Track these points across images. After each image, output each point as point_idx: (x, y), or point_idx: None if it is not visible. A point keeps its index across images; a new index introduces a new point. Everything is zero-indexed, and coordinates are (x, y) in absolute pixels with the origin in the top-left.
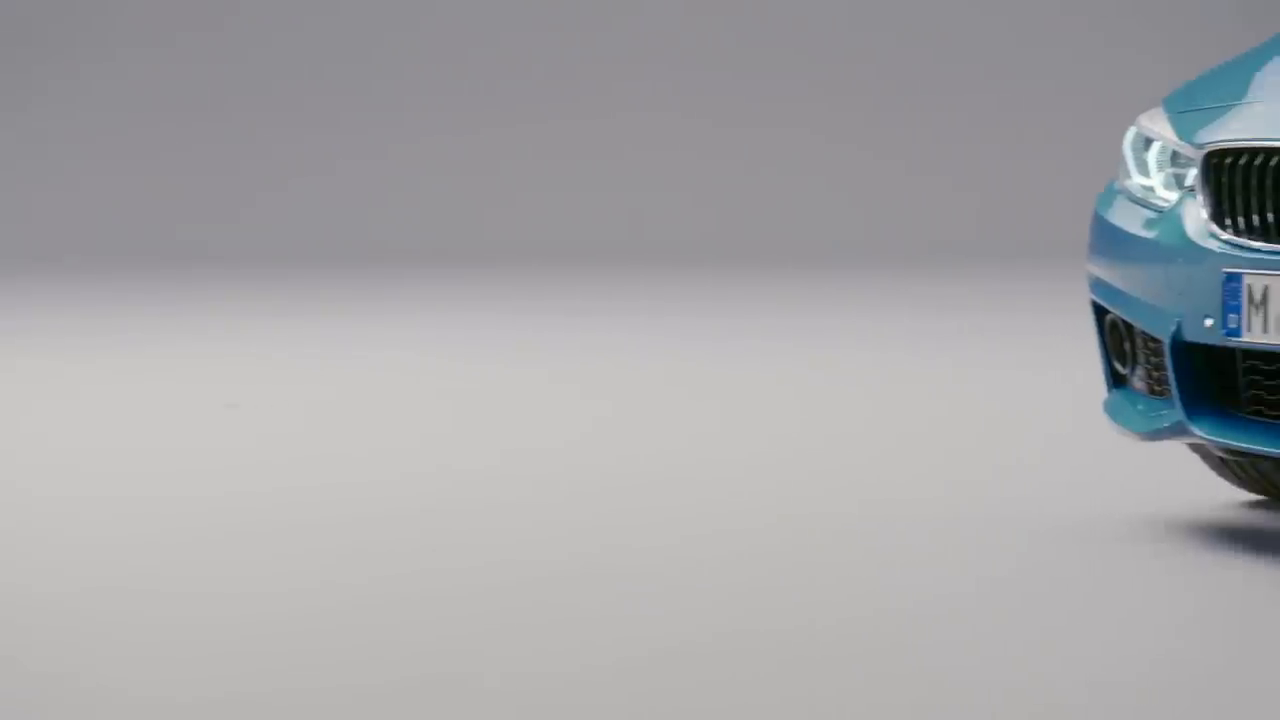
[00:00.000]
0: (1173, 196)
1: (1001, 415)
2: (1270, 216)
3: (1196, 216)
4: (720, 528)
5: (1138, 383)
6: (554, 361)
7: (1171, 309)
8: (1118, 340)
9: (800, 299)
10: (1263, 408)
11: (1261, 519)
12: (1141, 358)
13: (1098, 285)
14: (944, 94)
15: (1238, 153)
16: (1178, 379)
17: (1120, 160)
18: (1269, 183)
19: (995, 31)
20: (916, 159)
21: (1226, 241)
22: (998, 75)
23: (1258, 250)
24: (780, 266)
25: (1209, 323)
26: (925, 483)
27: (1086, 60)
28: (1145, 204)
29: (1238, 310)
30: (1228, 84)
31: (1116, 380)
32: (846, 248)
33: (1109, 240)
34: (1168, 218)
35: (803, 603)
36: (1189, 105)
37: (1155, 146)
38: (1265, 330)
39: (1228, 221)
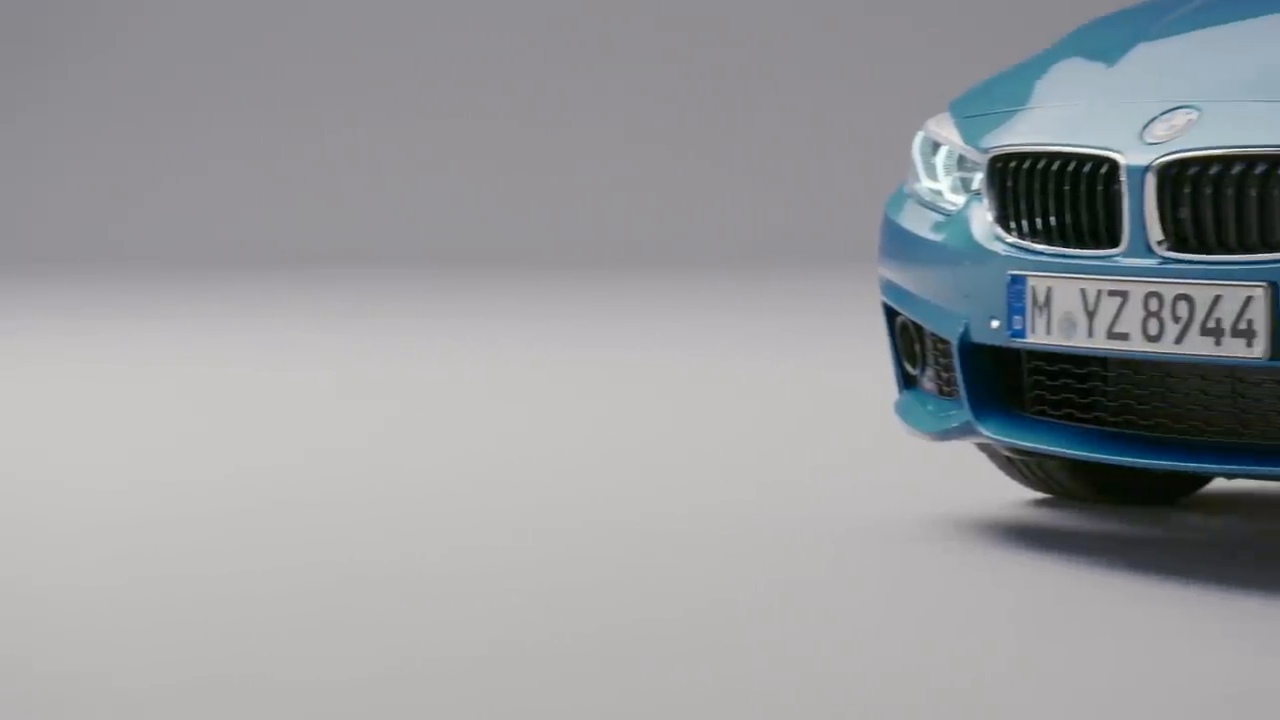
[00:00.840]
0: (960, 200)
1: (804, 416)
2: (1053, 220)
3: (983, 220)
4: (528, 530)
5: (928, 384)
6: (345, 366)
7: (959, 311)
8: (908, 342)
9: (601, 302)
10: (1046, 408)
11: (1047, 517)
12: (931, 359)
13: (888, 288)
14: (740, 98)
15: (1022, 157)
16: (965, 380)
17: (909, 164)
18: (1052, 187)
19: (788, 35)
20: (714, 162)
21: (1012, 245)
22: (791, 78)
23: (1041, 253)
24: (582, 269)
25: (995, 324)
26: (730, 484)
27: (879, 64)
28: (933, 207)
29: (1022, 312)
30: (1013, 89)
31: (907, 381)
32: (645, 250)
33: (898, 243)
34: (955, 221)
35: (609, 605)
36: (975, 110)
37: (943, 150)
38: (1048, 331)
39: (1013, 225)
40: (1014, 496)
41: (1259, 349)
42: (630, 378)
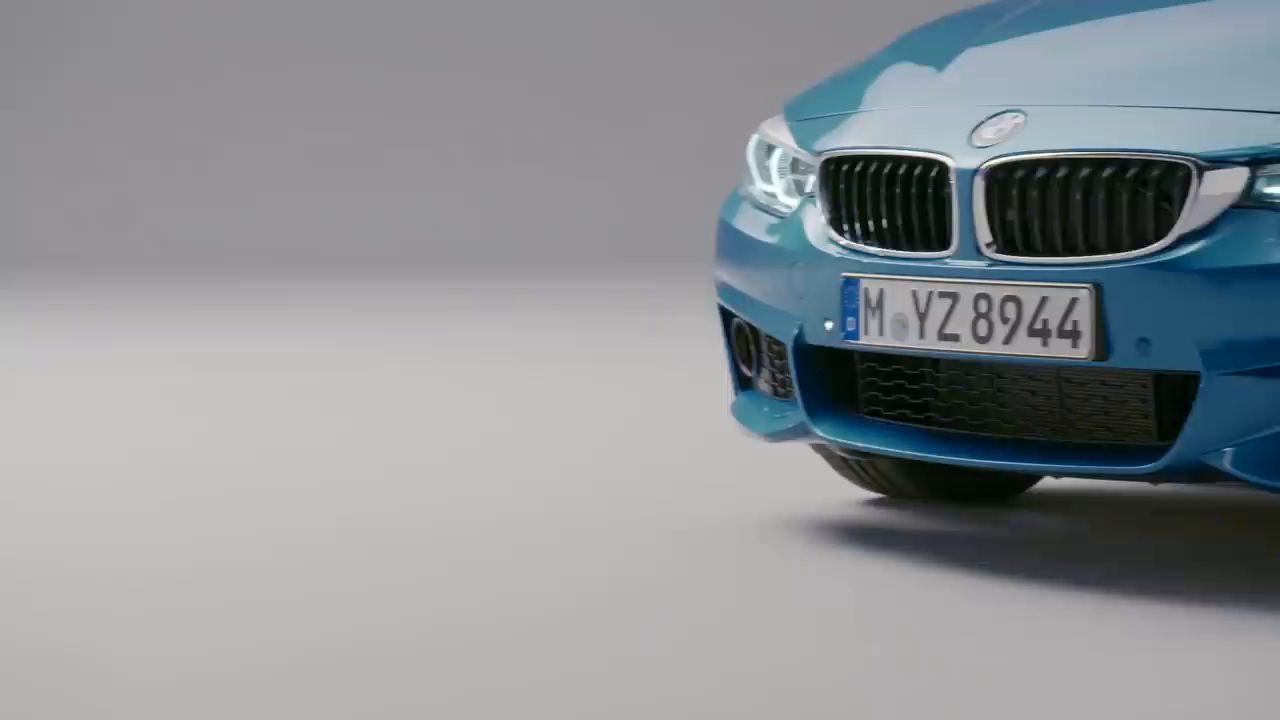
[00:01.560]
0: (794, 203)
1: (641, 418)
2: (885, 222)
3: (816, 222)
4: (359, 531)
5: (763, 385)
6: (164, 372)
7: (794, 313)
8: (744, 344)
9: (435, 305)
10: (880, 408)
11: (881, 517)
12: (766, 361)
13: (724, 290)
14: (575, 99)
15: (854, 160)
16: (800, 381)
17: (744, 167)
18: (884, 190)
19: (622, 35)
20: (548, 165)
21: (845, 247)
22: (626, 80)
23: (874, 255)
24: (413, 272)
25: (829, 326)
26: (567, 485)
27: (713, 66)
28: (768, 210)
29: (855, 314)
30: (845, 92)
31: (743, 383)
32: (481, 252)
33: (734, 246)
34: (789, 224)
35: (446, 606)
36: (808, 113)
37: (776, 153)
38: (881, 333)
39: (845, 227)
40: (848, 496)
41: (1084, 349)
42: (465, 380)
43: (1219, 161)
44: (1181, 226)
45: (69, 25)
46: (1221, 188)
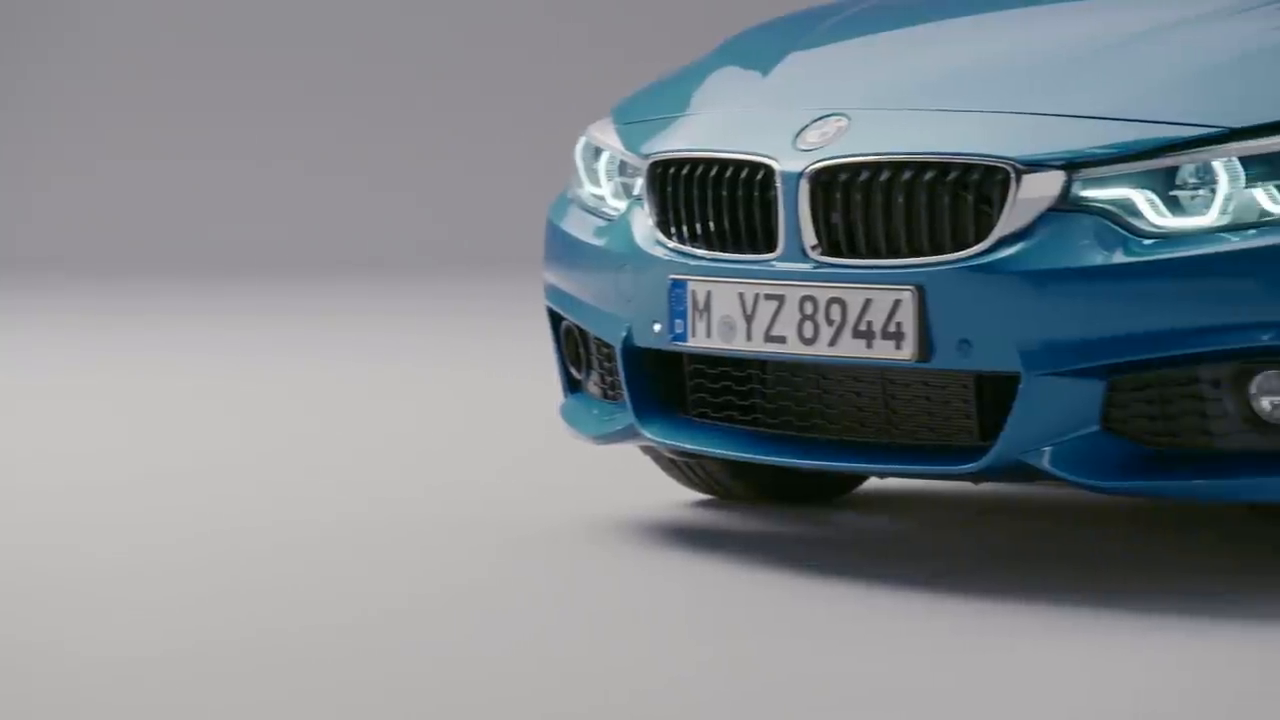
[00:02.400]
0: (622, 205)
1: (471, 420)
2: (712, 225)
3: (644, 225)
4: (195, 532)
5: (592, 388)
6: (21, 375)
7: (622, 315)
8: (573, 346)
9: (266, 310)
10: (708, 410)
11: (710, 518)
12: (595, 363)
13: (553, 292)
14: (400, 101)
15: (681, 163)
16: (629, 383)
17: (572, 169)
18: (710, 192)
19: (448, 39)
20: (375, 169)
21: (672, 249)
22: (452, 82)
23: (701, 258)
24: (246, 278)
25: (657, 328)
26: (397, 487)
27: (541, 68)
28: (596, 213)
29: (683, 316)
30: (672, 95)
31: (572, 385)
32: (309, 256)
33: (562, 248)
34: (617, 226)
35: (278, 607)
36: (636, 116)
37: (604, 156)
38: (709, 335)
39: (673, 230)
40: (677, 498)
41: (908, 351)
42: (296, 383)
43: (1036, 165)
44: (1001, 229)
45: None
46: (1039, 191)
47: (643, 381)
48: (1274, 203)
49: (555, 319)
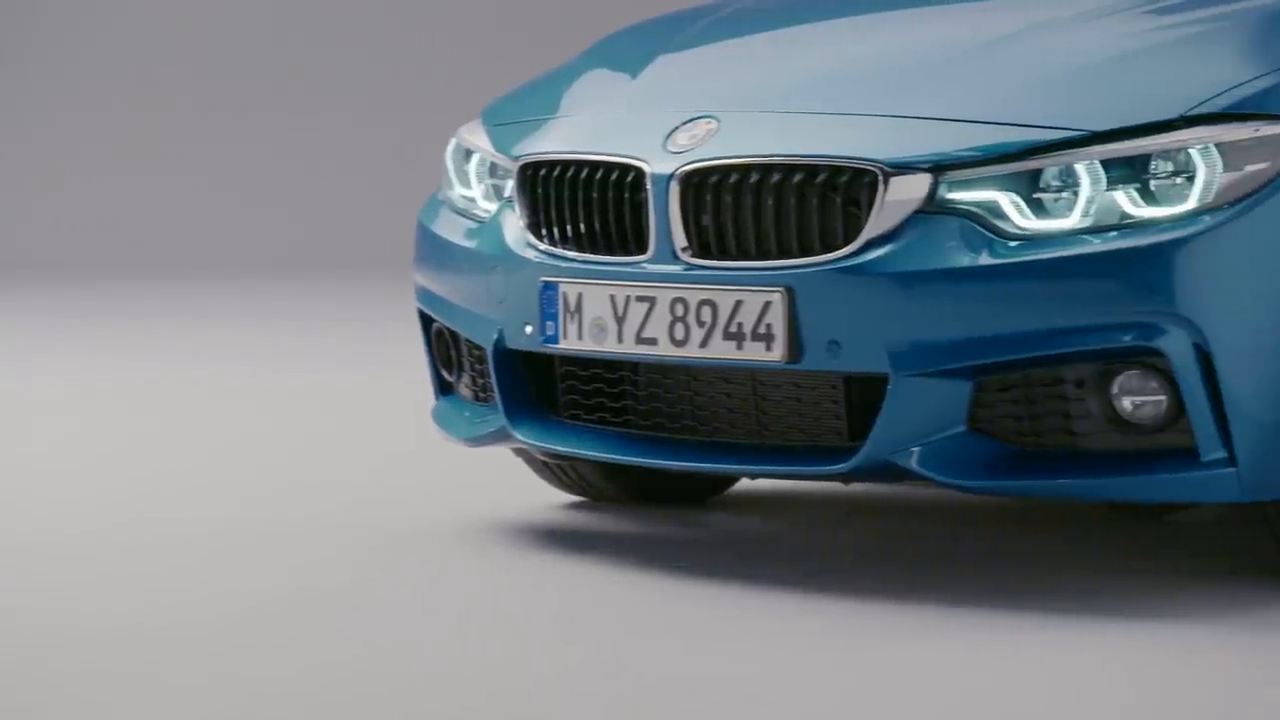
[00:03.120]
0: (493, 207)
1: (343, 422)
2: (583, 227)
3: (515, 227)
4: (53, 532)
5: (464, 390)
6: None
7: (494, 317)
8: (444, 348)
9: (138, 312)
10: (580, 412)
11: (583, 520)
12: (467, 365)
13: (424, 295)
14: (274, 103)
15: (551, 165)
16: (500, 385)
17: (443, 171)
18: (581, 194)
19: (317, 40)
20: (247, 170)
21: (543, 251)
22: (322, 83)
23: (572, 260)
24: (119, 280)
25: (528, 330)
26: (266, 489)
27: (409, 70)
28: (467, 215)
29: (555, 318)
30: (542, 97)
31: (444, 388)
32: (179, 259)
33: (433, 250)
34: (488, 228)
35: (134, 605)
36: (506, 118)
37: (475, 158)
38: (580, 337)
39: (544, 232)
40: (550, 500)
41: (777, 352)
42: (166, 384)
43: (903, 167)
44: (869, 231)
45: None
46: (906, 193)
47: (514, 384)
48: (1135, 205)
49: (426, 321)
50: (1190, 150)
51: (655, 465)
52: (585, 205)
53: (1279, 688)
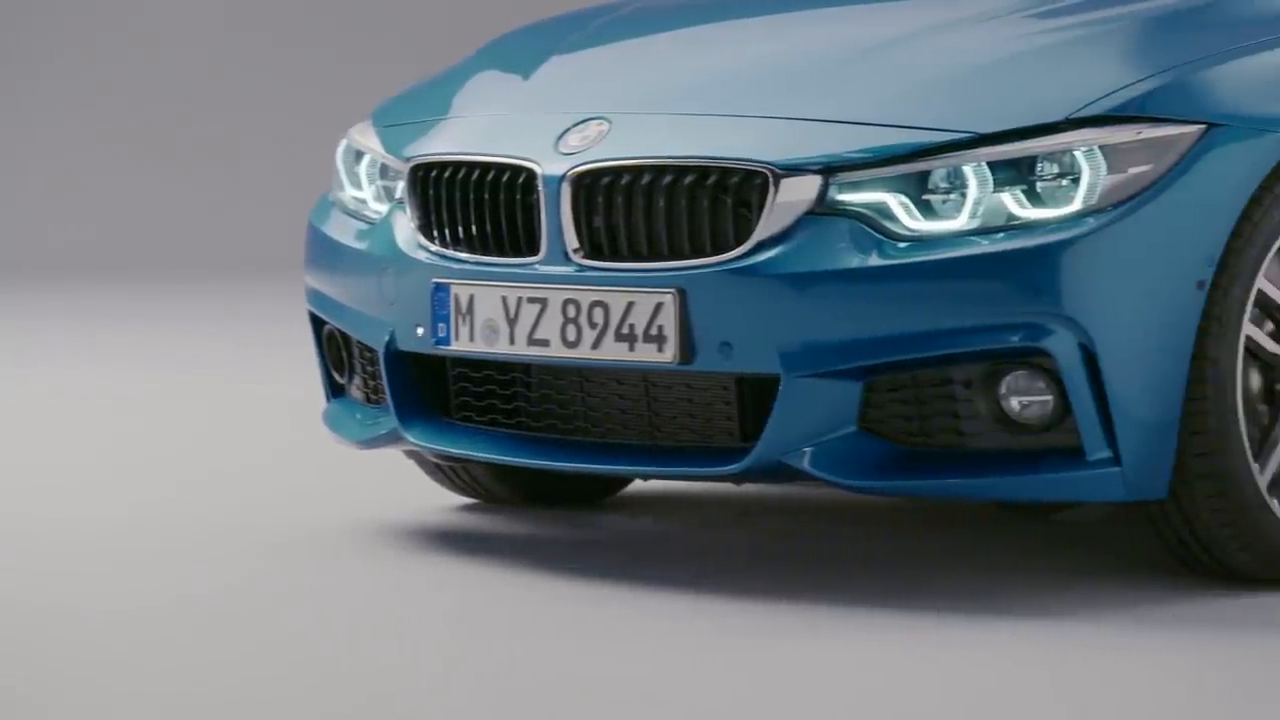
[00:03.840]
0: (384, 209)
1: (234, 425)
2: (475, 228)
3: (406, 228)
4: None
5: (356, 392)
6: None
7: (385, 319)
8: (336, 350)
9: (18, 313)
10: (472, 414)
11: (476, 522)
12: (358, 367)
13: (315, 297)
14: (161, 103)
15: (442, 166)
16: (392, 388)
17: (334, 172)
18: (472, 196)
19: (209, 41)
20: (136, 171)
21: (435, 253)
22: (211, 85)
23: (464, 261)
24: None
25: (420, 332)
26: (154, 491)
27: (299, 71)
28: (358, 216)
29: (446, 319)
30: (433, 98)
31: (335, 390)
32: (65, 259)
33: (324, 252)
34: (379, 230)
35: (19, 610)
36: (396, 119)
37: (365, 159)
38: (472, 339)
39: (435, 233)
40: (443, 502)
41: (669, 354)
42: (53, 385)
43: (794, 169)
44: (760, 233)
45: None
46: (796, 194)
47: (406, 386)
48: (1021, 206)
49: (317, 323)
50: (1075, 152)
51: (547, 467)
52: (477, 206)
53: (1165, 683)
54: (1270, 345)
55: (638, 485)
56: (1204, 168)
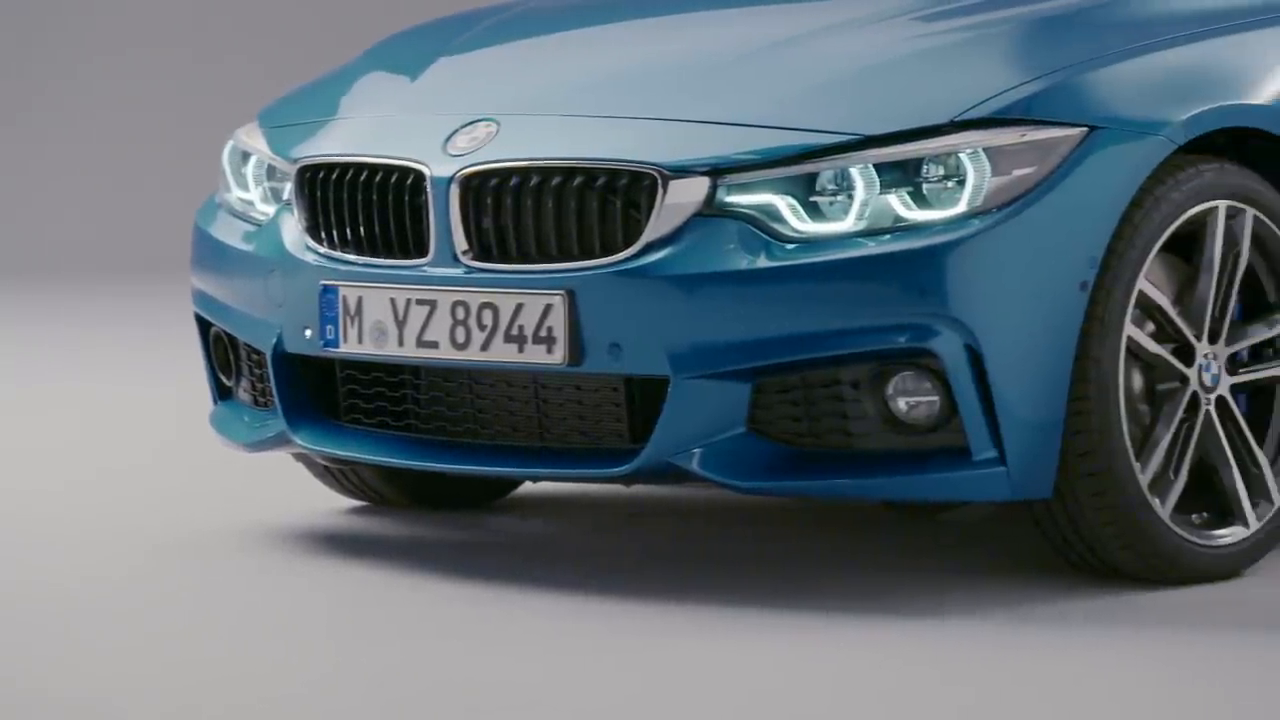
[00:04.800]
0: (271, 210)
1: (120, 428)
2: (363, 230)
3: (294, 230)
4: None
5: (243, 394)
6: None
7: (273, 321)
8: (222, 353)
9: None
10: (360, 416)
11: (365, 524)
12: (246, 369)
13: (201, 299)
14: (42, 102)
15: (330, 168)
16: (279, 390)
17: (220, 174)
18: (360, 197)
19: (92, 41)
20: (14, 173)
21: (323, 255)
22: (92, 85)
23: (352, 263)
24: None
25: (308, 334)
26: (38, 494)
27: (185, 71)
28: (245, 218)
29: (335, 321)
30: (320, 100)
31: (222, 393)
32: None
33: (210, 254)
34: (266, 231)
35: None
36: (283, 120)
37: (252, 160)
38: (360, 341)
39: (323, 235)
40: (333, 505)
41: (558, 355)
42: None
43: (682, 171)
44: (649, 234)
45: None
46: (685, 196)
47: (294, 388)
48: (907, 208)
49: (204, 325)
50: (960, 154)
51: (436, 469)
52: (365, 208)
53: (1052, 680)
54: (1151, 346)
55: (528, 487)
56: (1086, 170)
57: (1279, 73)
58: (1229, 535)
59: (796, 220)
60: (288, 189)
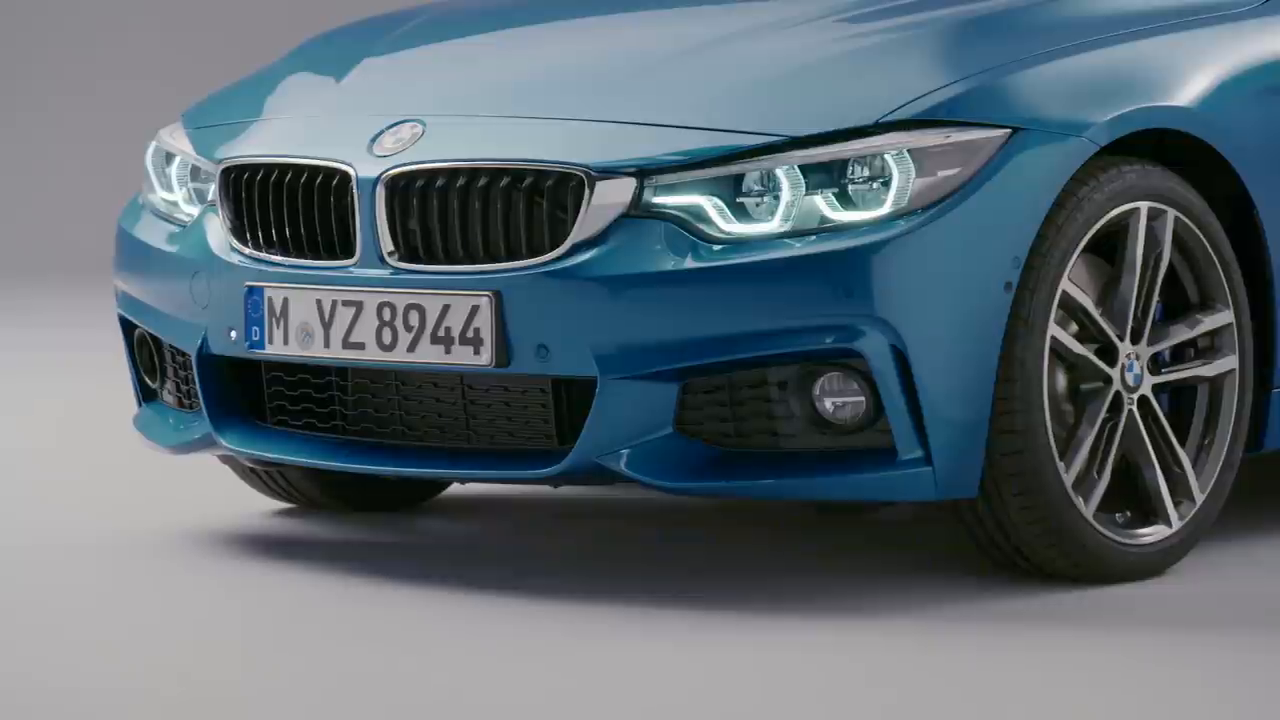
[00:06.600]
0: (195, 211)
1: (41, 431)
2: (288, 231)
3: (218, 231)
4: None
5: (168, 397)
6: None
7: (197, 323)
8: (147, 355)
9: None
10: (287, 418)
11: (291, 527)
12: (171, 372)
13: (125, 300)
14: None
15: (255, 168)
16: (205, 392)
17: (143, 174)
18: (286, 198)
19: (17, 41)
20: None
21: (248, 256)
22: (15, 84)
23: (278, 264)
24: None
25: (233, 335)
26: None
27: (108, 70)
28: (169, 219)
29: (260, 323)
30: (245, 100)
31: (147, 395)
32: None
33: (134, 255)
34: (191, 232)
35: None
36: (208, 120)
37: (176, 161)
38: (286, 342)
39: (248, 236)
40: (259, 507)
41: (485, 357)
42: None
43: (609, 172)
44: (575, 235)
45: None
46: (612, 197)
47: (219, 390)
48: (833, 209)
49: (128, 327)
50: (885, 155)
51: (363, 470)
52: (290, 209)
53: (981, 677)
54: (1075, 346)
55: (456, 489)
56: (1010, 171)
57: (1201, 75)
58: (1152, 534)
59: (723, 221)
60: (212, 190)
